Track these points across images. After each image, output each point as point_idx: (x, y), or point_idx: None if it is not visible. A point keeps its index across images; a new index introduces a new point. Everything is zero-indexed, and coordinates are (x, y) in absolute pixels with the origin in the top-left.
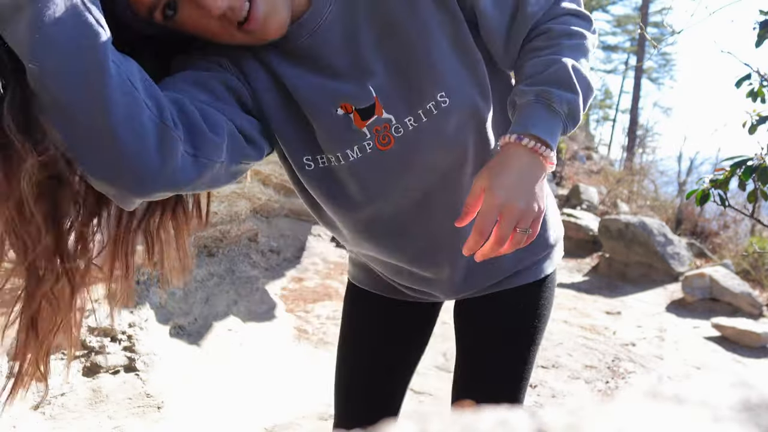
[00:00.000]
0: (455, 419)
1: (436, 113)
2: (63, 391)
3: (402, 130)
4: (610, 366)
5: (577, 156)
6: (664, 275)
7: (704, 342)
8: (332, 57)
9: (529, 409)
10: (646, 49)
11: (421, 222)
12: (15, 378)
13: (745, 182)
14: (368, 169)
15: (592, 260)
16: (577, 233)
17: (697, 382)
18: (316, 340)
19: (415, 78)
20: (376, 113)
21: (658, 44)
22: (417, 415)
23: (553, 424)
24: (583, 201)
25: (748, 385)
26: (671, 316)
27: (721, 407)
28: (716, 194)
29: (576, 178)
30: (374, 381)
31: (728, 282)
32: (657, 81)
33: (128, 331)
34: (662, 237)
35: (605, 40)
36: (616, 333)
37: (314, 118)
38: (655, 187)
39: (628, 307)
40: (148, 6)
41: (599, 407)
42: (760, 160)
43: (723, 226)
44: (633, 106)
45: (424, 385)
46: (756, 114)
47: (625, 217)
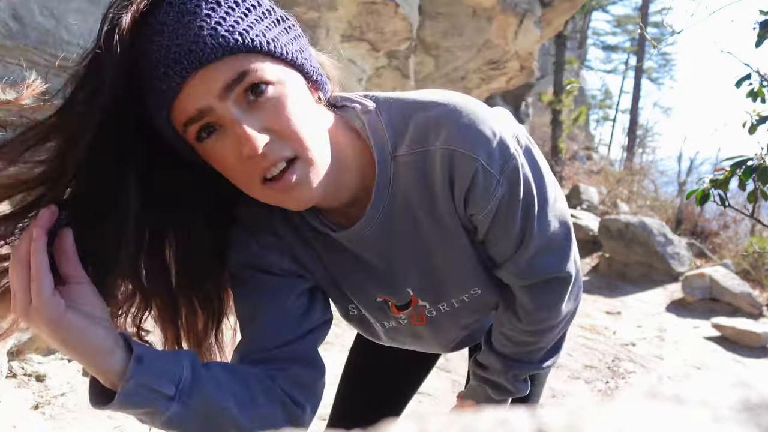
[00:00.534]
0: (455, 419)
1: (468, 301)
2: (63, 391)
3: (435, 312)
4: (610, 366)
5: (577, 156)
6: (664, 275)
7: (704, 342)
8: (371, 261)
9: (529, 409)
10: (646, 49)
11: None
12: None
13: (745, 182)
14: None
15: (592, 260)
16: (577, 233)
17: (697, 382)
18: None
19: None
20: (412, 305)
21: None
22: (417, 415)
23: (553, 424)
24: (583, 201)
25: (748, 385)
26: (671, 316)
27: (721, 407)
28: (716, 194)
29: (576, 178)
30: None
31: (728, 282)
32: (657, 81)
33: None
34: (662, 237)
35: (605, 40)
36: (616, 333)
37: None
38: (655, 187)
39: (628, 307)
40: (189, 116)
41: (599, 407)
42: (760, 160)
43: (723, 226)
44: (633, 106)
45: (424, 385)
46: (756, 114)
47: (625, 217)
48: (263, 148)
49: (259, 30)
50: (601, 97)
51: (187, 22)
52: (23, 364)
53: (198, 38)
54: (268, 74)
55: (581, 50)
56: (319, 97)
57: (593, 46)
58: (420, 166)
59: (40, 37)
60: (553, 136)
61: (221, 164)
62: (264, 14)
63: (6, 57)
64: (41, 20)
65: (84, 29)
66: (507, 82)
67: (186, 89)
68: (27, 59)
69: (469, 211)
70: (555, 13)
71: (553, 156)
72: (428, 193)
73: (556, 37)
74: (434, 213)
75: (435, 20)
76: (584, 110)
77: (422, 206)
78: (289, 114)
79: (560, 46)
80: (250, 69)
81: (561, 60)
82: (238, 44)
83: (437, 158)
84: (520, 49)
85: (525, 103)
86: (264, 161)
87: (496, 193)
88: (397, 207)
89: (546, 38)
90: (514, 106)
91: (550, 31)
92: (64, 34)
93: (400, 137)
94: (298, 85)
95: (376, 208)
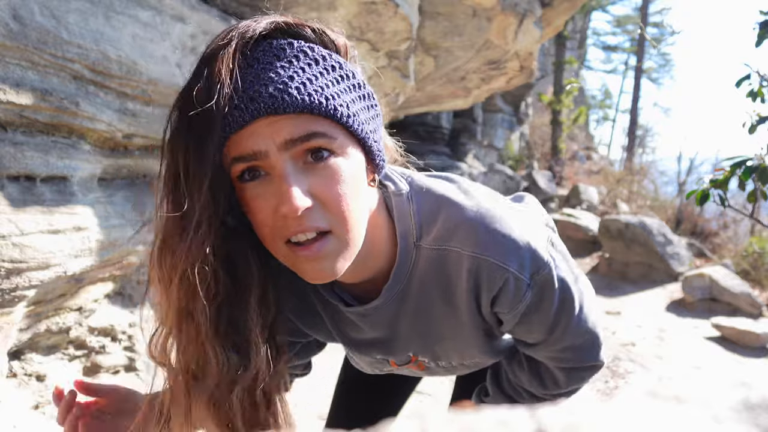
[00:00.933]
0: (455, 419)
1: (467, 364)
2: None
3: (433, 365)
4: (610, 366)
5: (577, 156)
6: (664, 275)
7: (704, 342)
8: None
9: (529, 409)
10: (646, 49)
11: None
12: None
13: (745, 182)
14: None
15: (592, 260)
16: (577, 233)
17: (697, 382)
18: None
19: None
20: (411, 361)
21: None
22: (417, 415)
23: (553, 424)
24: (583, 201)
25: (748, 385)
26: (671, 316)
27: (721, 407)
28: (716, 194)
29: (576, 178)
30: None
31: (728, 282)
32: (657, 81)
33: (128, 331)
34: (662, 237)
35: (605, 40)
36: (616, 333)
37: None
38: (655, 187)
39: (628, 307)
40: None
41: (599, 407)
42: (760, 160)
43: (723, 226)
44: (633, 106)
45: (424, 385)
46: (756, 114)
47: (625, 217)
48: (302, 211)
49: (343, 100)
50: (601, 97)
51: (279, 67)
52: (23, 364)
53: (285, 86)
54: (335, 144)
55: (581, 50)
56: (373, 178)
57: (593, 46)
58: (442, 262)
59: (40, 37)
60: (553, 136)
61: (253, 210)
62: (353, 87)
63: (6, 57)
64: (41, 20)
65: (84, 29)
66: (507, 82)
67: (252, 127)
68: (27, 59)
69: (496, 309)
70: (555, 13)
71: (553, 156)
72: (448, 288)
73: (556, 37)
74: (451, 304)
75: (435, 20)
76: (584, 110)
77: (439, 295)
78: (340, 189)
79: (560, 46)
80: (320, 132)
81: (561, 60)
82: (320, 107)
83: (463, 263)
84: (520, 49)
85: (525, 103)
86: (296, 224)
87: (526, 297)
88: (413, 291)
89: (546, 38)
90: (514, 106)
91: (550, 31)
92: (64, 34)
93: (426, 228)
94: (359, 163)
95: (392, 290)
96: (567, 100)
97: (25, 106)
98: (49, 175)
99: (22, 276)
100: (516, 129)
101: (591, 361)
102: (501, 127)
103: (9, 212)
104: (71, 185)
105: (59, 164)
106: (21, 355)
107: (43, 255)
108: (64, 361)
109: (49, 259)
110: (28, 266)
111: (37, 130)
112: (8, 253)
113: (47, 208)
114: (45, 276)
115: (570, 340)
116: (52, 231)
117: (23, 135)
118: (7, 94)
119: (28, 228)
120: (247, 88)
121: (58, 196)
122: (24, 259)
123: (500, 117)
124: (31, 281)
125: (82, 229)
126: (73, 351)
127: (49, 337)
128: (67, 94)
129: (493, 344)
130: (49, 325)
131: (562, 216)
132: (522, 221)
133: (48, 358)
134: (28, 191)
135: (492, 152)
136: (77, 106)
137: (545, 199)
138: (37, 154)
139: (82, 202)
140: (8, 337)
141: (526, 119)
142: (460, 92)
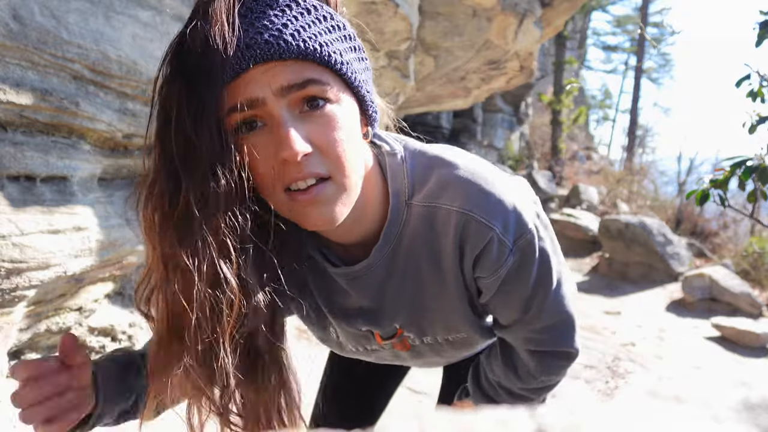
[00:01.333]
0: (453, 419)
1: (452, 340)
2: None
3: (418, 342)
4: (610, 366)
5: (577, 156)
6: (664, 275)
7: (704, 342)
8: (363, 299)
9: (529, 409)
10: (646, 49)
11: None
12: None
13: (745, 182)
14: (382, 355)
15: (592, 260)
16: (577, 233)
17: (697, 382)
18: (316, 340)
19: (436, 327)
20: (397, 336)
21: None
22: (417, 415)
23: (553, 424)
24: (583, 201)
25: (748, 385)
26: (671, 316)
27: (721, 407)
28: (716, 194)
29: (576, 178)
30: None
31: (728, 282)
32: (657, 81)
33: (128, 331)
34: (662, 237)
35: (605, 40)
36: (616, 333)
37: (338, 328)
38: (655, 187)
39: (628, 307)
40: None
41: (599, 407)
42: (760, 160)
43: (723, 226)
44: (633, 106)
45: (424, 385)
46: (756, 114)
47: (625, 217)
48: (301, 157)
49: (336, 48)
50: (601, 97)
51: (272, 15)
52: None
53: (280, 33)
54: (330, 92)
55: (581, 50)
56: (366, 132)
57: (593, 46)
58: (432, 219)
59: (40, 37)
60: (553, 136)
61: (251, 160)
62: (345, 37)
63: (6, 57)
64: (41, 20)
65: (84, 29)
66: (507, 82)
67: (248, 75)
68: (27, 59)
69: (476, 273)
70: (555, 13)
71: (553, 156)
72: (435, 246)
73: (556, 37)
74: (437, 266)
75: (435, 20)
76: (584, 110)
77: (427, 257)
78: (337, 135)
79: (560, 46)
80: (315, 79)
81: (561, 60)
82: (315, 53)
83: (451, 219)
84: (520, 49)
85: (525, 103)
86: (296, 170)
87: (508, 262)
88: (402, 252)
89: (546, 38)
90: (514, 106)
91: (550, 31)
92: (64, 34)
93: (418, 186)
94: (353, 112)
95: (382, 249)
96: (567, 100)
97: (25, 106)
98: (49, 175)
99: (22, 276)
100: (516, 129)
101: (565, 345)
102: (501, 127)
103: (9, 212)
104: (71, 185)
105: (59, 164)
106: (21, 355)
107: (43, 255)
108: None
109: (49, 259)
110: (28, 266)
111: (37, 130)
112: (8, 253)
113: (47, 208)
114: (45, 276)
115: (546, 319)
116: (52, 231)
117: (23, 135)
118: (7, 94)
119: (28, 228)
120: (242, 36)
121: (58, 196)
122: (24, 259)
123: (500, 117)
124: (31, 281)
125: (82, 229)
126: None
127: (49, 337)
128: (67, 94)
129: (478, 320)
130: (49, 325)
131: (562, 216)
132: (511, 188)
133: None
134: (28, 191)
135: (492, 152)
136: (77, 106)
137: (545, 199)
138: (37, 154)
139: (82, 202)
140: (8, 337)
141: (526, 119)
142: (460, 92)
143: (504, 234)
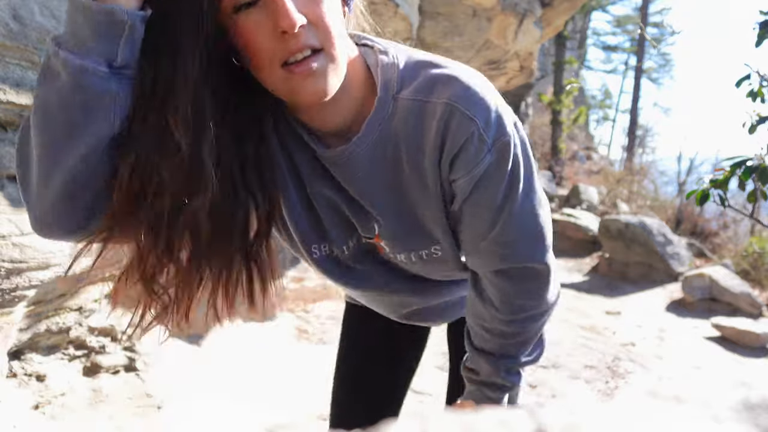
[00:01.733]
0: (455, 419)
1: (426, 258)
2: (63, 391)
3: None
4: (610, 366)
5: (577, 156)
6: (664, 275)
7: (704, 342)
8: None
9: (529, 408)
10: (646, 49)
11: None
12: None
13: (745, 182)
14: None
15: (592, 260)
16: (577, 233)
17: (697, 382)
18: (317, 340)
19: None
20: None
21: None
22: (417, 415)
23: (553, 424)
24: (583, 201)
25: (748, 385)
26: (671, 316)
27: (721, 407)
28: (716, 194)
29: (576, 178)
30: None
31: (728, 282)
32: (657, 81)
33: (128, 331)
34: (662, 237)
35: (605, 40)
36: (616, 333)
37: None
38: (655, 187)
39: (628, 307)
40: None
41: (599, 407)
42: (760, 160)
43: (723, 226)
44: (633, 106)
45: (424, 385)
46: (756, 114)
47: (625, 217)
48: (299, 27)
49: None
50: (601, 97)
51: None
52: (23, 364)
53: None
54: None
55: (581, 50)
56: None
57: (593, 46)
58: (417, 114)
59: (40, 37)
60: (553, 136)
61: (250, 39)
62: None
63: (6, 57)
64: (41, 20)
65: None
66: (507, 82)
67: None
68: (27, 59)
69: (452, 175)
70: (555, 13)
71: (553, 156)
72: (418, 143)
73: (556, 37)
74: (418, 166)
75: (435, 20)
76: (584, 110)
77: (409, 154)
78: (323, 7)
79: (560, 46)
80: None
81: (561, 60)
82: None
83: (437, 111)
84: (520, 49)
85: (525, 103)
86: (293, 42)
87: (484, 160)
88: (385, 144)
89: (546, 38)
90: (514, 106)
91: (550, 31)
92: None
93: (407, 82)
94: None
95: (366, 137)
96: (567, 100)
97: (25, 106)
98: None
99: (22, 276)
100: None
101: (531, 260)
102: None
103: (9, 212)
104: None
105: None
106: (21, 355)
107: (43, 255)
108: (64, 361)
109: (49, 259)
110: (28, 266)
111: None
112: (8, 253)
113: None
114: (45, 276)
115: (512, 233)
116: None
117: None
118: (7, 94)
119: (28, 228)
120: None
121: None
122: (24, 259)
123: None
124: (31, 281)
125: None
126: (73, 351)
127: (49, 337)
128: None
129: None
130: (49, 325)
131: (562, 216)
132: (497, 94)
133: (48, 358)
134: None
135: None
136: None
137: None
138: None
139: None
140: (8, 337)
141: (526, 119)
142: None
143: (485, 130)
